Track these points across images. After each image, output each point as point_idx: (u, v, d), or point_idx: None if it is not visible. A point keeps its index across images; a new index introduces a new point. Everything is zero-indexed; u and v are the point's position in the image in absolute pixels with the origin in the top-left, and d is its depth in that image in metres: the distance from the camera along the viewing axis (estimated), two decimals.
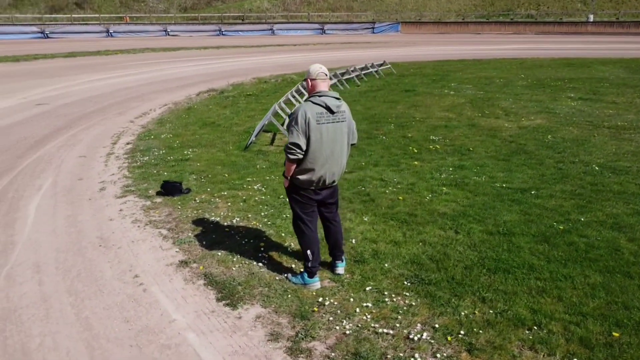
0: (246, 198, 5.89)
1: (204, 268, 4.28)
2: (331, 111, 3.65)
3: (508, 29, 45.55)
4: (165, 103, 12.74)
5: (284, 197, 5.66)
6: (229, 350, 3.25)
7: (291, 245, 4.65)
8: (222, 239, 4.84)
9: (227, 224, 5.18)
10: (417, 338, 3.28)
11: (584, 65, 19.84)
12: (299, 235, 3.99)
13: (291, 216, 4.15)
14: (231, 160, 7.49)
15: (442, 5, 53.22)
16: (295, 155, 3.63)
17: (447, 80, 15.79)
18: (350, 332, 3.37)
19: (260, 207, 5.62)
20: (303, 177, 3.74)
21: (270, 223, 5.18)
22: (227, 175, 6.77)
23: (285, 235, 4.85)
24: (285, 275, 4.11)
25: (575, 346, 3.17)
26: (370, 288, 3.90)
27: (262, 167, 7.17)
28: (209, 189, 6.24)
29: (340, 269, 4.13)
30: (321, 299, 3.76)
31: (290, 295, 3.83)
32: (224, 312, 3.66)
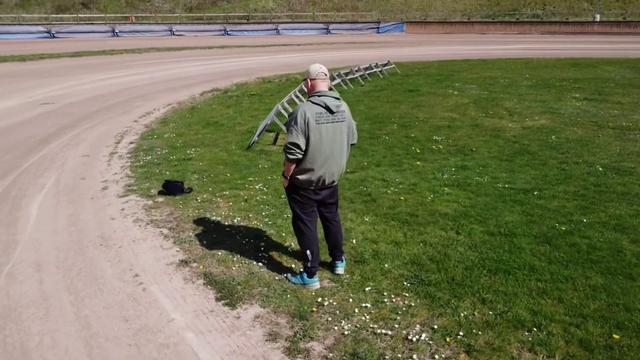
0: (247, 198, 5.89)
1: (204, 267, 4.28)
2: (331, 111, 3.64)
3: (514, 28, 45.36)
4: (169, 102, 12.77)
5: (285, 197, 5.61)
6: (227, 350, 3.25)
7: (291, 245, 4.64)
8: (223, 238, 4.85)
9: (228, 224, 5.19)
10: (415, 339, 3.27)
11: (590, 65, 19.73)
12: (299, 235, 3.99)
13: (292, 216, 4.15)
14: (233, 160, 7.50)
15: (447, 5, 53.06)
16: (294, 155, 3.62)
17: (451, 80, 15.74)
18: (349, 332, 3.36)
19: (261, 206, 5.62)
20: (302, 177, 3.73)
21: (271, 223, 5.18)
22: (229, 174, 6.78)
23: (286, 235, 4.85)
24: (285, 275, 4.10)
25: (575, 348, 3.14)
26: (370, 288, 3.88)
27: (264, 166, 7.17)
28: (211, 188, 6.24)
29: (340, 269, 4.12)
30: (320, 299, 3.75)
31: (289, 295, 3.83)
32: (223, 311, 3.66)
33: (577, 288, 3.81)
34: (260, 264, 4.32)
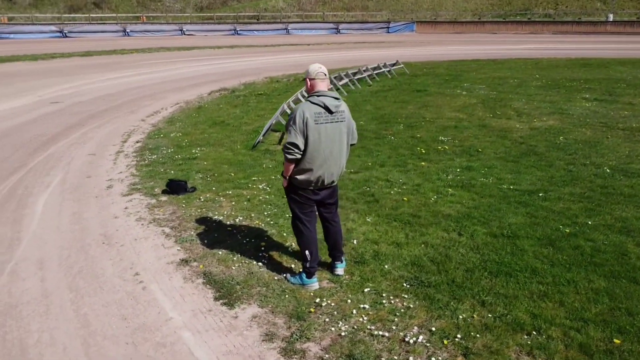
0: (250, 197, 5.89)
1: (203, 267, 4.29)
2: (330, 111, 3.62)
3: (525, 28, 44.97)
4: (177, 102, 12.83)
5: None
6: (223, 349, 3.25)
7: (292, 245, 4.63)
8: (224, 237, 4.85)
9: (230, 223, 5.19)
10: (412, 341, 3.24)
11: (602, 65, 19.50)
12: (298, 236, 3.98)
13: (291, 216, 4.14)
14: (238, 160, 7.51)
15: (458, 5, 52.74)
16: (293, 155, 3.61)
17: (459, 81, 15.64)
18: (346, 333, 3.35)
19: (263, 206, 5.62)
20: (301, 177, 3.72)
21: (272, 222, 5.18)
22: (233, 174, 6.79)
23: (287, 235, 4.84)
24: (284, 275, 4.09)
25: (575, 352, 3.10)
26: (369, 289, 3.86)
27: (269, 166, 7.17)
28: (214, 187, 6.25)
29: (340, 270, 4.10)
30: (318, 300, 3.74)
31: (287, 296, 3.82)
32: (221, 311, 3.66)
33: (579, 291, 3.76)
34: (260, 263, 4.32)
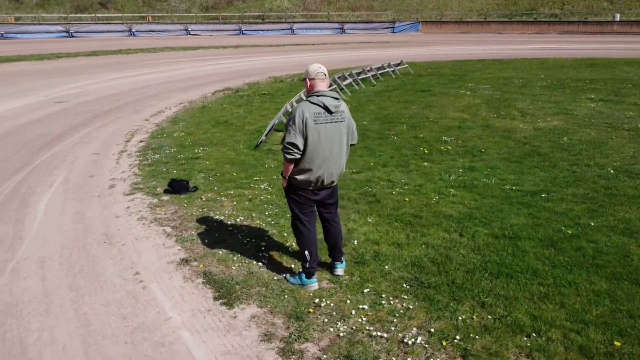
0: (252, 197, 5.90)
1: (204, 266, 4.29)
2: (329, 111, 3.62)
3: (531, 28, 44.77)
4: (181, 102, 12.86)
5: None
6: (222, 349, 3.25)
7: (292, 245, 4.63)
8: (225, 237, 4.86)
9: (231, 223, 5.20)
10: (411, 342, 3.23)
11: (608, 65, 19.38)
12: (297, 236, 3.98)
13: (290, 216, 4.13)
14: (240, 159, 7.52)
15: (463, 5, 52.59)
16: (292, 155, 3.61)
17: (464, 81, 15.59)
18: (344, 334, 3.34)
19: (265, 206, 5.62)
20: (301, 177, 3.72)
21: (273, 222, 5.18)
22: (235, 174, 6.79)
23: (288, 235, 4.83)
24: (284, 275, 4.09)
25: (574, 355, 3.08)
26: (368, 290, 3.85)
27: (271, 166, 7.17)
28: (216, 187, 6.26)
29: (340, 270, 4.10)
30: (317, 300, 3.73)
31: (287, 296, 3.81)
32: (220, 311, 3.67)
33: (580, 293, 3.74)
34: (260, 263, 4.32)
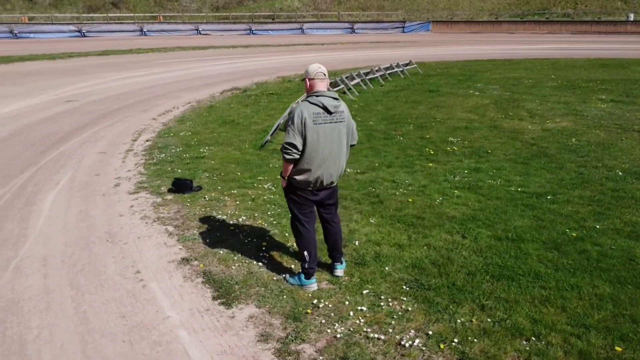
0: (255, 197, 5.90)
1: (204, 266, 4.30)
2: (329, 111, 3.60)
3: (543, 28, 44.34)
4: (189, 101, 12.92)
5: None
6: (218, 349, 3.25)
7: (293, 246, 4.61)
8: (226, 237, 4.86)
9: (233, 223, 5.20)
10: (408, 344, 3.20)
11: (620, 66, 19.13)
12: (297, 236, 3.97)
13: (290, 217, 4.12)
14: (245, 159, 7.53)
15: (474, 4, 52.24)
16: (291, 156, 3.60)
17: (473, 81, 15.47)
18: (341, 335, 3.32)
19: (267, 206, 5.62)
20: (300, 177, 3.71)
21: (275, 222, 5.17)
22: (239, 173, 6.80)
23: (289, 235, 4.82)
24: (283, 275, 4.08)
25: (574, 359, 3.03)
26: (368, 291, 3.83)
27: (275, 166, 7.17)
28: (220, 187, 6.27)
29: (339, 271, 4.08)
30: (316, 301, 3.72)
31: (285, 296, 3.80)
32: (218, 310, 3.67)
33: (583, 297, 3.68)
34: (260, 263, 4.31)
